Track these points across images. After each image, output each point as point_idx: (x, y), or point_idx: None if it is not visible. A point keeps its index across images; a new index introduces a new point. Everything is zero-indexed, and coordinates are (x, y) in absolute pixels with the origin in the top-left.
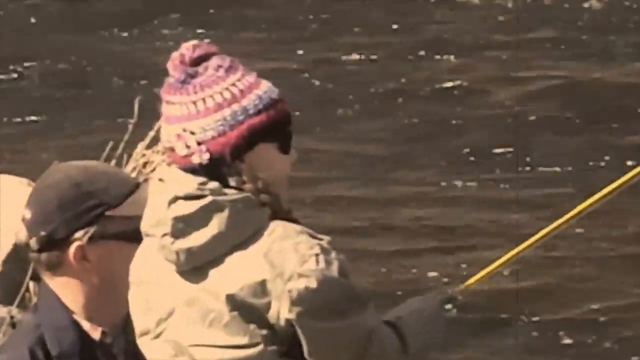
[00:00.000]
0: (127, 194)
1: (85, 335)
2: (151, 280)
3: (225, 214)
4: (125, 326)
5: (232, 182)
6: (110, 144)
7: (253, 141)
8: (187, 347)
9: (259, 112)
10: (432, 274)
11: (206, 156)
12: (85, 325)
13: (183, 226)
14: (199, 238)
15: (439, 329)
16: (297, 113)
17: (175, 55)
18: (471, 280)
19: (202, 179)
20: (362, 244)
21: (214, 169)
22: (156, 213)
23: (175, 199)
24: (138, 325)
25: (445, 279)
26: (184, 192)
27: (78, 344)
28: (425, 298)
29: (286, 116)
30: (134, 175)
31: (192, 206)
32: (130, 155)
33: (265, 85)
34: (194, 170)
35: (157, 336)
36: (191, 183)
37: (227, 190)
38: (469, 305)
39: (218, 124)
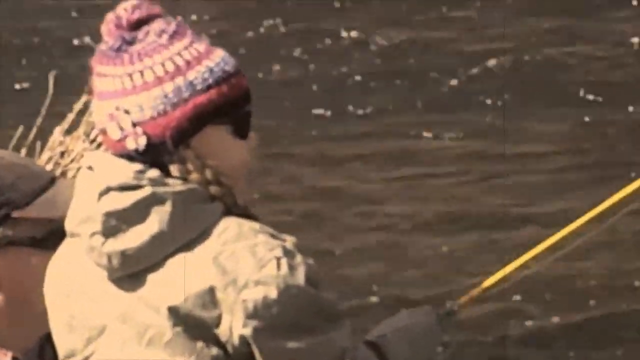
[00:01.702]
0: (38, 191)
1: None
2: (77, 292)
3: (166, 208)
4: (42, 351)
5: (175, 171)
6: (20, 129)
7: (200, 123)
8: None
9: (208, 88)
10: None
11: (142, 140)
12: None
13: (116, 223)
14: (135, 238)
15: (431, 351)
16: None
17: (110, 17)
18: (474, 292)
19: (139, 167)
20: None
21: (153, 155)
22: (84, 208)
23: (107, 190)
24: (61, 346)
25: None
26: (117, 182)
27: None
28: (416, 312)
29: (242, 93)
30: (49, 167)
31: (127, 199)
32: (44, 143)
33: (217, 55)
34: (130, 156)
35: (86, 359)
36: (126, 171)
37: (169, 181)
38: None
39: (158, 101)
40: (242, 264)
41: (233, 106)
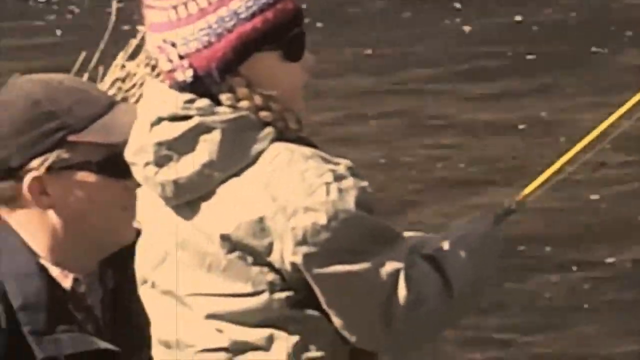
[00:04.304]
0: (95, 116)
1: (53, 284)
2: (146, 219)
3: (216, 137)
4: (103, 273)
5: (225, 100)
6: (83, 54)
7: (246, 52)
8: (185, 297)
9: (252, 16)
10: None
11: (189, 73)
12: (54, 271)
13: (167, 152)
14: (186, 167)
15: (493, 257)
16: None
17: None
18: (529, 189)
19: (189, 96)
20: None
21: (202, 86)
22: (138, 138)
23: (159, 120)
24: (138, 271)
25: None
26: (167, 112)
27: (45, 293)
28: (474, 219)
29: (290, 17)
30: (111, 92)
31: (177, 129)
32: (107, 68)
33: None
34: (181, 87)
35: (154, 285)
36: (176, 101)
37: (219, 109)
38: None
39: (202, 33)
40: (292, 191)
41: (280, 32)
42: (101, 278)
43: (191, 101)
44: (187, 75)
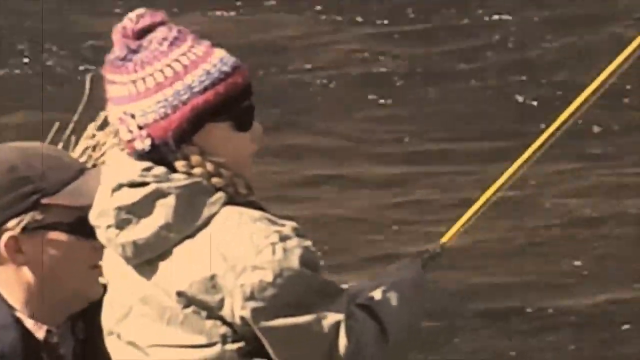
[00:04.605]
0: (66, 181)
1: (28, 335)
2: (111, 276)
3: (171, 201)
4: (75, 325)
5: (180, 167)
6: (56, 124)
7: (199, 123)
8: (146, 348)
9: (205, 90)
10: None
11: (147, 142)
12: (29, 323)
13: (126, 216)
14: (144, 229)
15: (422, 300)
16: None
17: (117, 27)
18: (451, 232)
19: (146, 164)
20: None
21: (159, 154)
22: (101, 202)
23: (119, 186)
24: (104, 325)
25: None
26: (127, 179)
27: (20, 343)
28: (401, 266)
29: (240, 90)
30: (82, 159)
31: (135, 194)
32: (79, 138)
33: (216, 57)
34: (141, 155)
35: (119, 337)
36: (135, 169)
37: (173, 176)
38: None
39: (159, 105)
40: (241, 251)
41: (230, 104)
42: (73, 329)
43: (148, 169)
44: (145, 144)
